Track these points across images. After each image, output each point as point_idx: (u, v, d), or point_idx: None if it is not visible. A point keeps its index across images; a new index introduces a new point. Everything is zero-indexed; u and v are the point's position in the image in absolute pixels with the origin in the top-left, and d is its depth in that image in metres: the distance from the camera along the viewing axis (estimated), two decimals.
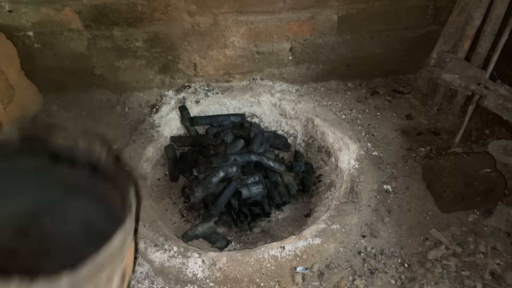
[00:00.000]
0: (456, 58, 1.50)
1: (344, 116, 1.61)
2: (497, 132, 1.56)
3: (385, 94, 1.75)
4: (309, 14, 1.58)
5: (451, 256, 1.16)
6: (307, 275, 1.09)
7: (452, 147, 1.50)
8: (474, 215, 1.27)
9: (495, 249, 1.18)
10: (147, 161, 1.45)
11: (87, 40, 1.55)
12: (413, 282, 1.09)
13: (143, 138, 1.49)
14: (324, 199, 1.37)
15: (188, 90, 1.70)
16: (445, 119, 1.63)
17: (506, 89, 1.43)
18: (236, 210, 1.36)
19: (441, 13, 1.67)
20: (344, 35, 1.67)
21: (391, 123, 1.60)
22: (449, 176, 1.26)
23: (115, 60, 1.62)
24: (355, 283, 1.08)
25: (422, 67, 1.76)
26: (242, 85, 1.71)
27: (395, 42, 1.73)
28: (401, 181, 1.37)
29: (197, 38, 1.59)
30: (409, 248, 1.19)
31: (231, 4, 1.51)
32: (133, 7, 1.48)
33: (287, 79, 1.75)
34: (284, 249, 1.11)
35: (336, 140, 1.44)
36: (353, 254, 1.16)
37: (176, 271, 1.08)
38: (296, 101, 1.60)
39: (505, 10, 1.43)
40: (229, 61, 1.68)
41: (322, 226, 1.18)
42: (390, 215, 1.27)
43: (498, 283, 1.10)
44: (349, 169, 1.35)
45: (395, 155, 1.47)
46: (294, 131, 1.61)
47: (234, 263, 1.08)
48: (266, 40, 1.63)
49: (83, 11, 1.47)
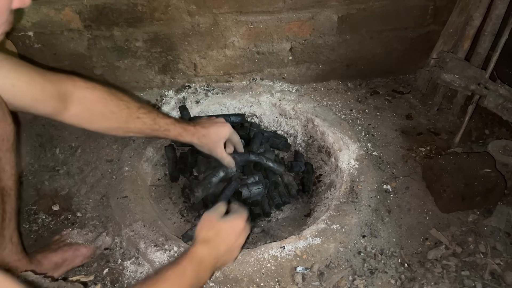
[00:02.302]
0: (456, 58, 1.50)
1: (344, 116, 1.61)
2: (497, 132, 1.56)
3: (385, 94, 1.75)
4: (309, 14, 1.58)
5: (451, 256, 1.16)
6: (307, 275, 1.09)
7: (452, 147, 1.50)
8: (474, 215, 1.28)
9: (495, 249, 1.18)
10: (147, 161, 1.45)
11: (87, 40, 1.55)
12: (413, 282, 1.09)
13: (143, 138, 1.49)
14: (324, 199, 1.37)
15: (188, 90, 1.70)
16: (445, 119, 1.63)
17: (506, 89, 1.43)
18: None
19: (441, 13, 1.67)
20: (344, 35, 1.67)
21: (391, 123, 1.60)
22: (449, 176, 1.26)
23: (115, 60, 1.62)
24: (355, 283, 1.08)
25: (422, 67, 1.76)
26: (242, 85, 1.71)
27: (395, 42, 1.73)
28: (401, 181, 1.37)
29: (197, 38, 1.59)
30: (409, 248, 1.19)
31: (231, 4, 1.51)
32: (133, 7, 1.48)
33: (287, 79, 1.75)
34: (284, 249, 1.11)
35: (336, 140, 1.44)
36: (353, 254, 1.16)
37: None
38: (296, 101, 1.60)
39: (505, 10, 1.43)
40: (229, 61, 1.68)
41: (322, 226, 1.18)
42: (390, 215, 1.27)
43: (498, 283, 1.10)
44: (349, 169, 1.35)
45: (395, 155, 1.47)
46: (294, 131, 1.62)
47: (234, 263, 1.08)
48: (266, 40, 1.63)
49: (83, 11, 1.48)
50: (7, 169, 0.94)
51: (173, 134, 1.24)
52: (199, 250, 0.92)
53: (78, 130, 1.54)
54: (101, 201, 1.33)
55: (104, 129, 1.16)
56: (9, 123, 0.92)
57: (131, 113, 1.14)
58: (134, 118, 1.15)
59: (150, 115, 1.18)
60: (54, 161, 1.46)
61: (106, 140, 1.53)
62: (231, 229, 0.99)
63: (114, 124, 1.14)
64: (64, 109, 1.03)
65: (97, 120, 1.12)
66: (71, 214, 1.30)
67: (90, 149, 1.49)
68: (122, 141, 1.51)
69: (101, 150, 1.49)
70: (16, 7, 0.70)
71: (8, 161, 0.94)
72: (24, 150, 1.47)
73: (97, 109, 1.09)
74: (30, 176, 1.40)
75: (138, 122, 1.16)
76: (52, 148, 1.49)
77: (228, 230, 0.99)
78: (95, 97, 1.08)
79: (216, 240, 0.96)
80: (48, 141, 1.51)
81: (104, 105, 1.09)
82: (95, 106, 1.09)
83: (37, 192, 1.36)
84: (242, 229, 1.01)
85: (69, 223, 1.28)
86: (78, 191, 1.37)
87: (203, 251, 0.92)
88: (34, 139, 1.50)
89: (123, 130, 1.18)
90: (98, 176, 1.41)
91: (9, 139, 0.93)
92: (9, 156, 0.94)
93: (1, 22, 0.69)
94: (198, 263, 0.90)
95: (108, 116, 1.11)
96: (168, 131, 1.22)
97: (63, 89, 1.02)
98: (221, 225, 0.99)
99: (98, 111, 1.09)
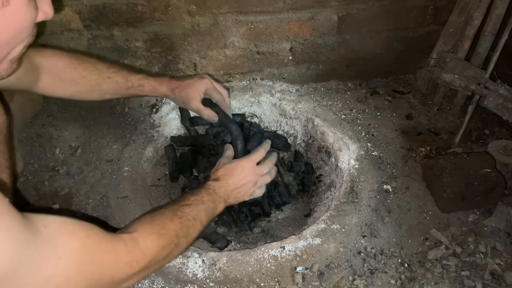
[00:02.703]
0: (456, 58, 1.50)
1: (344, 116, 1.61)
2: (497, 132, 1.56)
3: (385, 94, 1.75)
4: (309, 14, 1.58)
5: (451, 256, 1.16)
6: (307, 275, 1.09)
7: (452, 147, 1.50)
8: (474, 215, 1.28)
9: (495, 249, 1.18)
10: (147, 161, 1.45)
11: (87, 40, 1.55)
12: (413, 282, 1.09)
13: (143, 138, 1.49)
14: (324, 199, 1.37)
15: None
16: (445, 119, 1.63)
17: (506, 89, 1.43)
18: (236, 210, 1.36)
19: (441, 13, 1.67)
20: (344, 35, 1.67)
21: (391, 123, 1.60)
22: (449, 176, 1.26)
23: (115, 60, 1.62)
24: (355, 283, 1.08)
25: (422, 67, 1.76)
26: (242, 85, 1.71)
27: (395, 42, 1.73)
28: (401, 181, 1.37)
29: (197, 38, 1.59)
30: (409, 248, 1.19)
31: (231, 4, 1.51)
32: (133, 7, 1.48)
33: (287, 79, 1.75)
34: (284, 249, 1.11)
35: (336, 140, 1.44)
36: (353, 254, 1.16)
37: (176, 271, 1.08)
38: (296, 101, 1.60)
39: (505, 10, 1.43)
40: (229, 61, 1.68)
41: (322, 226, 1.18)
42: (390, 215, 1.27)
43: (498, 283, 1.10)
44: (349, 169, 1.35)
45: (395, 155, 1.47)
46: (294, 131, 1.62)
47: (234, 263, 1.08)
48: (266, 40, 1.63)
49: (83, 11, 1.48)
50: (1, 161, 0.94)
51: (148, 89, 1.24)
52: (211, 183, 1.08)
53: (78, 130, 1.54)
54: (101, 201, 1.33)
55: (78, 94, 1.17)
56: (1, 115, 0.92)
57: (101, 74, 1.15)
58: (105, 79, 1.16)
59: (121, 73, 1.19)
60: (54, 161, 1.46)
61: (106, 140, 1.53)
62: (238, 166, 1.13)
63: (86, 87, 1.15)
64: (37, 80, 1.05)
65: (68, 86, 1.13)
66: (71, 214, 1.30)
67: (90, 149, 1.49)
68: (122, 141, 1.51)
69: (101, 150, 1.49)
70: (40, 20, 0.72)
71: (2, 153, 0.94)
72: (24, 150, 1.47)
73: (66, 75, 1.11)
74: (30, 176, 1.40)
75: (110, 82, 1.17)
76: (52, 148, 1.49)
77: (236, 168, 1.13)
78: (63, 64, 1.10)
79: (225, 176, 1.11)
80: (48, 141, 1.51)
81: (72, 70, 1.11)
82: (64, 73, 1.10)
83: (37, 192, 1.36)
84: (249, 168, 1.14)
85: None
86: (78, 191, 1.37)
87: (214, 184, 1.08)
88: (34, 139, 1.50)
89: (97, 93, 1.19)
90: (98, 176, 1.41)
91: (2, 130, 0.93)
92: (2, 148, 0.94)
93: (25, 36, 0.70)
94: (212, 193, 1.05)
95: (78, 80, 1.12)
96: (142, 86, 1.22)
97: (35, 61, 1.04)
98: (229, 164, 1.14)
99: (68, 76, 1.11)
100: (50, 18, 0.74)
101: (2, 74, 0.74)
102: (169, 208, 0.95)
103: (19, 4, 0.63)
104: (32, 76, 1.03)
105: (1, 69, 0.73)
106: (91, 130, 1.56)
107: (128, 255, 0.75)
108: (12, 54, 0.72)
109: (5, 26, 0.64)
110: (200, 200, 1.01)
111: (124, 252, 0.74)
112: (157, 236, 0.83)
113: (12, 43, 0.70)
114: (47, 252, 0.59)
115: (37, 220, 0.60)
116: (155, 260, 0.82)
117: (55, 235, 0.61)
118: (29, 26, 0.69)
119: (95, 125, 1.57)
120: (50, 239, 0.60)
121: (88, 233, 0.68)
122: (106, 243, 0.71)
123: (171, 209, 0.95)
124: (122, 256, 0.74)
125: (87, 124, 1.57)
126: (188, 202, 0.98)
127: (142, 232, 0.81)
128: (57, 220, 0.64)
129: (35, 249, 0.57)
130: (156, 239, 0.83)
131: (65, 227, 0.65)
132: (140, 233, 0.81)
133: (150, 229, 0.84)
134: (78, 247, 0.64)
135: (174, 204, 0.98)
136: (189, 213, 0.95)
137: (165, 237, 0.86)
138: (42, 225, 0.60)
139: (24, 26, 0.68)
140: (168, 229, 0.87)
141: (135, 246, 0.78)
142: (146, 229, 0.83)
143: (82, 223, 0.68)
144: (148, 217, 0.89)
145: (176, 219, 0.91)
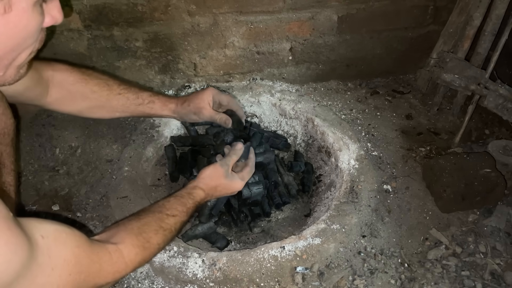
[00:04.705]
0: (456, 58, 1.50)
1: (344, 116, 1.61)
2: (497, 132, 1.56)
3: (385, 94, 1.75)
4: (309, 14, 1.58)
5: (451, 256, 1.16)
6: (307, 275, 1.09)
7: (452, 147, 1.50)
8: (474, 215, 1.28)
9: (495, 249, 1.18)
10: (147, 161, 1.45)
11: (87, 40, 1.55)
12: (413, 282, 1.09)
13: (143, 138, 1.49)
14: (324, 199, 1.37)
15: (188, 90, 1.70)
16: (445, 119, 1.63)
17: (506, 89, 1.43)
18: (236, 210, 1.36)
19: (441, 13, 1.67)
20: (344, 35, 1.67)
21: (391, 123, 1.60)
22: (449, 176, 1.27)
23: (115, 60, 1.62)
24: (355, 283, 1.09)
25: (422, 67, 1.76)
26: (242, 85, 1.71)
27: (395, 42, 1.73)
28: (401, 181, 1.37)
29: (197, 38, 1.59)
30: (409, 248, 1.19)
31: (231, 4, 1.51)
32: (133, 7, 1.48)
33: (287, 79, 1.75)
34: (284, 249, 1.11)
35: (336, 140, 1.44)
36: (353, 254, 1.16)
37: (176, 271, 1.08)
38: (296, 101, 1.60)
39: (505, 10, 1.43)
40: (229, 61, 1.68)
41: (322, 226, 1.18)
42: (390, 215, 1.27)
43: (498, 283, 1.10)
44: (349, 169, 1.35)
45: (395, 155, 1.47)
46: (294, 131, 1.62)
47: (234, 263, 1.08)
48: (266, 40, 1.63)
49: (83, 11, 1.48)
50: (7, 164, 0.94)
51: (158, 106, 1.25)
52: (199, 193, 1.09)
53: (78, 130, 1.54)
54: (101, 201, 1.33)
55: (87, 110, 1.16)
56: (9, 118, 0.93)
57: (112, 90, 1.15)
58: (116, 95, 1.15)
59: (132, 90, 1.19)
60: (54, 161, 1.46)
61: (106, 140, 1.53)
62: (229, 187, 1.16)
63: (96, 103, 1.14)
64: (46, 94, 1.05)
65: (78, 101, 1.12)
66: (71, 214, 1.30)
67: (90, 149, 1.49)
68: (122, 141, 1.51)
69: (101, 150, 1.49)
70: (48, 25, 0.71)
71: (8, 155, 0.94)
72: (24, 150, 1.47)
73: (77, 90, 1.10)
74: (30, 176, 1.40)
75: (120, 98, 1.16)
76: (52, 148, 1.49)
77: (226, 187, 1.15)
78: (74, 78, 1.09)
79: (213, 191, 1.14)
80: (48, 141, 1.51)
81: (84, 84, 1.10)
82: (75, 87, 1.10)
83: (37, 192, 1.36)
84: (237, 189, 1.19)
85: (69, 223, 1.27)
86: (78, 191, 1.37)
87: (201, 194, 1.10)
88: (34, 139, 1.50)
89: (107, 110, 1.18)
90: (98, 176, 1.41)
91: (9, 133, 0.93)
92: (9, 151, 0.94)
93: (31, 42, 0.70)
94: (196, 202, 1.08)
95: (89, 95, 1.12)
96: (153, 103, 1.23)
97: (45, 74, 1.03)
98: (223, 182, 1.14)
99: (78, 91, 1.10)
100: (60, 23, 0.73)
101: (9, 80, 0.74)
102: (156, 216, 0.96)
103: (23, 10, 0.62)
104: (41, 88, 1.03)
105: (8, 75, 0.73)
106: (91, 130, 1.55)
107: (112, 266, 0.78)
108: (19, 60, 0.71)
109: (9, 33, 0.63)
110: (186, 212, 1.03)
111: (109, 264, 0.77)
112: (141, 249, 0.86)
113: (17, 50, 0.69)
114: (43, 263, 0.61)
115: (35, 229, 0.62)
116: (134, 269, 0.87)
117: (51, 246, 0.64)
118: (34, 32, 0.68)
119: (95, 125, 1.57)
120: (47, 249, 0.62)
121: (78, 243, 0.71)
122: (92, 253, 0.74)
123: (157, 217, 0.96)
124: (107, 267, 0.77)
125: (87, 124, 1.57)
126: (174, 213, 0.99)
127: (128, 244, 0.84)
128: (53, 229, 0.67)
129: (34, 261, 0.59)
130: (141, 252, 0.86)
131: (59, 236, 0.67)
132: (126, 245, 0.83)
133: (137, 241, 0.86)
134: (70, 258, 0.67)
135: (161, 209, 0.99)
136: (173, 225, 0.98)
137: (148, 251, 0.89)
138: (40, 235, 0.62)
139: (29, 32, 0.67)
140: (152, 243, 0.90)
141: (120, 258, 0.80)
142: (133, 241, 0.85)
143: (73, 232, 0.71)
144: (135, 226, 0.90)
145: (161, 231, 0.94)
